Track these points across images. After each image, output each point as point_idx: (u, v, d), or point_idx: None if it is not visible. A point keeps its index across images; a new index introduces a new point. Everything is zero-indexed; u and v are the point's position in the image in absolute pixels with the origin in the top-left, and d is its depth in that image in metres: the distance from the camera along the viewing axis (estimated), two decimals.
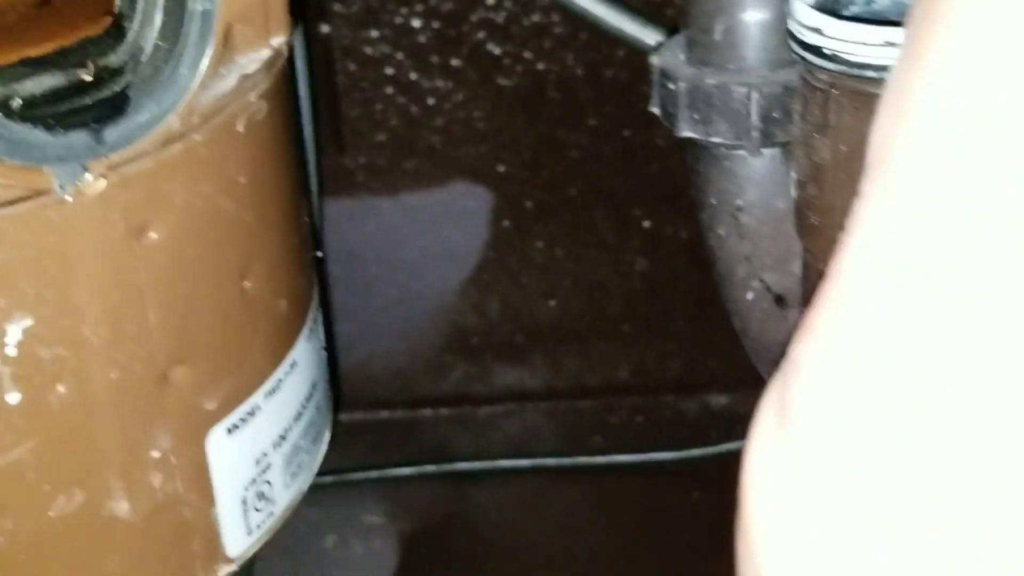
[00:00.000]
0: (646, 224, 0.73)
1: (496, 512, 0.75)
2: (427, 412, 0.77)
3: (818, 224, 0.37)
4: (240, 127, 0.35)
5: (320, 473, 0.66)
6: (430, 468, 0.74)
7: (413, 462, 0.74)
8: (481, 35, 0.67)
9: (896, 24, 0.33)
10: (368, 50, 0.67)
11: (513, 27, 0.67)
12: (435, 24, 0.66)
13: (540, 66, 0.68)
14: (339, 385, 0.68)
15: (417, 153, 0.71)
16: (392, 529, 0.75)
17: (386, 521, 0.75)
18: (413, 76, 0.69)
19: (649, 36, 0.56)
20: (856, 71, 0.34)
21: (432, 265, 0.74)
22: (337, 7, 0.65)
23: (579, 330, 0.75)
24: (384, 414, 0.77)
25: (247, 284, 0.36)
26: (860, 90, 0.34)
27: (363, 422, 0.76)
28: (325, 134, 0.68)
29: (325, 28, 0.65)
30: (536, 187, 0.72)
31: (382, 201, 0.72)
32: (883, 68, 0.33)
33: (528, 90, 0.69)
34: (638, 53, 0.61)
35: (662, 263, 0.73)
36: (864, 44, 0.33)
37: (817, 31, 0.34)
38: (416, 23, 0.66)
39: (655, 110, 0.49)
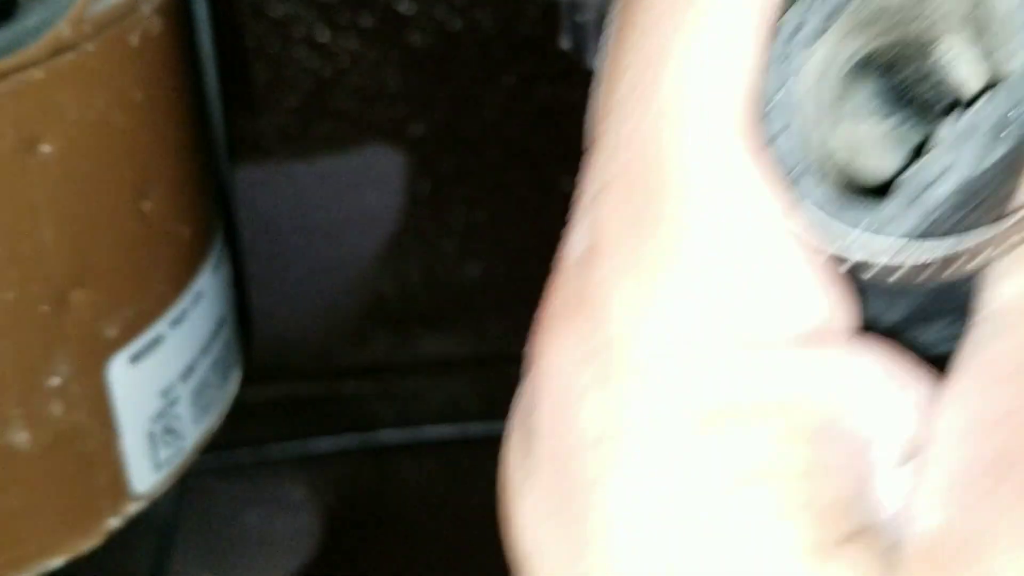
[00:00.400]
0: (565, 184, 0.72)
1: (423, 483, 0.75)
2: (349, 384, 0.76)
3: None
4: (134, 41, 0.34)
5: (241, 449, 0.65)
6: (353, 440, 0.73)
7: (336, 435, 0.73)
8: None
9: None
10: (276, 11, 0.66)
11: None
12: None
13: (453, 25, 0.68)
14: (251, 354, 0.66)
15: (330, 116, 0.70)
16: (316, 504, 0.74)
17: (310, 496, 0.74)
18: (323, 38, 0.68)
19: None
20: None
21: (349, 232, 0.73)
22: None
23: (503, 295, 0.74)
24: (304, 387, 0.76)
25: (146, 205, 0.35)
26: None
27: (283, 396, 0.75)
28: (234, 98, 0.67)
29: None
30: (453, 149, 0.71)
31: (295, 167, 0.71)
32: None
33: (441, 49, 0.68)
34: (552, 8, 0.61)
35: None
36: None
37: None
38: None
39: (565, 45, 0.49)
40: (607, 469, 0.16)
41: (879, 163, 0.17)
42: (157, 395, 0.37)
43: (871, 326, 0.17)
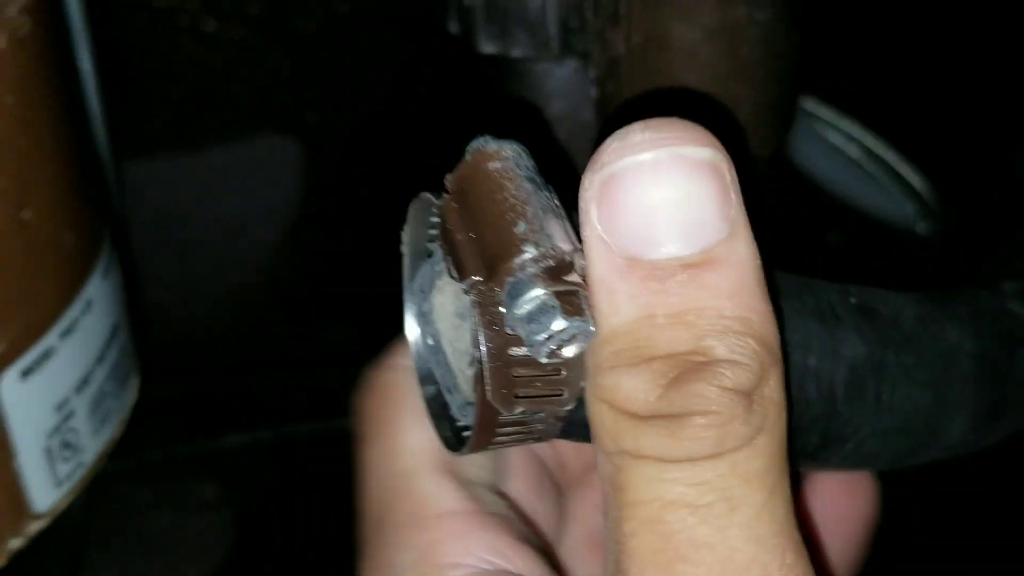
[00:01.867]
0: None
1: (334, 476, 0.74)
2: (254, 378, 0.75)
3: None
4: (1, 43, 0.32)
5: (148, 450, 0.63)
6: (262, 435, 0.72)
7: (243, 430, 0.72)
8: None
9: None
10: (159, 2, 0.64)
11: None
12: None
13: (340, 9, 0.67)
14: (151, 354, 0.65)
15: (221, 107, 0.68)
16: (227, 502, 0.72)
17: (220, 494, 0.73)
18: (210, 27, 0.66)
19: None
20: None
21: (247, 225, 0.72)
22: None
23: None
24: (208, 382, 0.74)
25: (26, 214, 0.34)
26: None
27: (188, 393, 0.73)
28: (118, 93, 0.65)
29: None
30: (347, 134, 0.71)
31: (189, 161, 0.69)
32: None
33: (330, 34, 0.67)
34: None
35: None
36: None
37: None
38: None
39: (453, 29, 0.48)
40: None
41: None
42: (52, 410, 0.36)
43: None
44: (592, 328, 0.20)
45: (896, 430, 0.27)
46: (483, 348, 0.21)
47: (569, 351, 0.21)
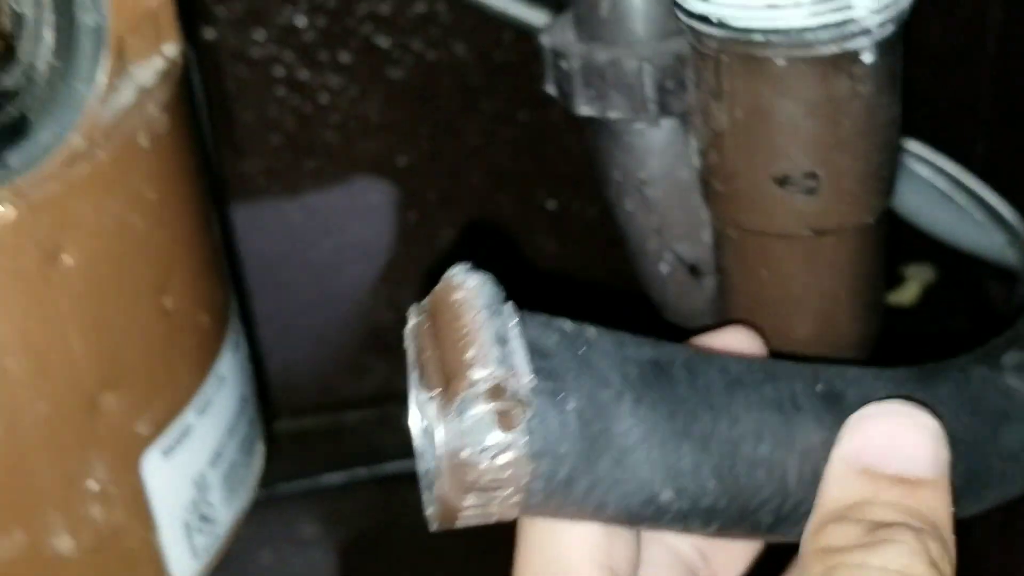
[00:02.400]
0: (551, 205, 0.73)
1: None
2: (351, 415, 0.76)
3: (722, 190, 0.38)
4: (143, 141, 0.34)
5: None
6: (361, 472, 0.73)
7: (343, 468, 0.73)
8: (368, 29, 0.67)
9: None
10: (256, 52, 0.66)
11: (399, 18, 0.67)
12: (320, 21, 0.66)
13: (430, 55, 0.68)
14: (268, 394, 0.67)
15: (315, 152, 0.70)
16: (328, 538, 0.74)
17: (321, 531, 0.74)
18: (304, 75, 0.68)
19: (535, 17, 0.56)
20: (743, 36, 0.35)
21: (342, 265, 0.74)
22: (220, 11, 0.64)
23: None
24: (309, 421, 0.76)
25: (167, 301, 0.36)
26: (748, 54, 0.35)
27: (288, 431, 0.75)
28: (220, 141, 0.67)
29: (210, 34, 0.64)
30: (437, 177, 0.72)
31: (285, 204, 0.71)
32: (768, 31, 0.34)
33: (420, 80, 0.68)
34: (526, 35, 0.61)
35: (570, 243, 0.74)
36: (747, 8, 0.34)
37: None
38: (301, 21, 0.66)
39: (550, 90, 0.49)
40: None
41: None
42: (190, 484, 0.38)
43: None
44: (523, 438, 0.24)
45: None
46: (439, 451, 0.24)
47: (507, 457, 0.24)
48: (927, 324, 0.71)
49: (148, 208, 0.34)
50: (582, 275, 0.73)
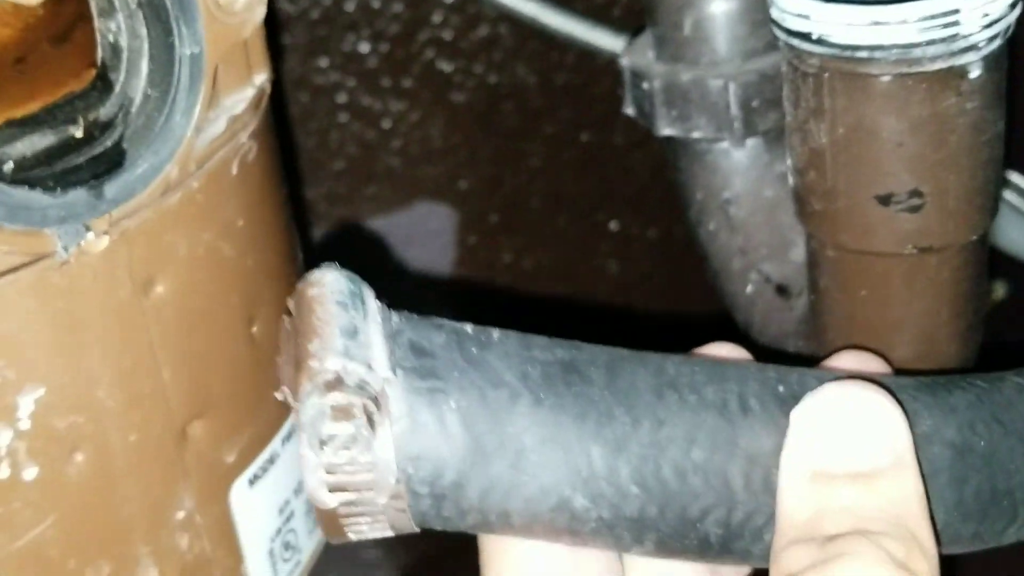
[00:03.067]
0: (613, 226, 0.73)
1: None
2: None
3: (821, 209, 0.37)
4: (233, 169, 0.34)
5: None
6: None
7: None
8: (431, 53, 0.67)
9: (881, 2, 0.33)
10: (319, 79, 0.66)
11: (462, 43, 0.66)
12: (383, 47, 0.66)
13: (492, 79, 0.68)
14: None
15: (377, 178, 0.70)
16: (390, 562, 0.73)
17: (384, 554, 0.74)
18: (366, 101, 0.68)
19: (600, 38, 0.56)
20: (847, 52, 0.34)
21: (404, 288, 0.73)
22: (284, 39, 0.64)
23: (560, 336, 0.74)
24: None
25: (255, 329, 0.35)
26: (852, 71, 0.34)
27: None
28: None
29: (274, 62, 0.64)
30: (499, 200, 0.72)
31: (346, 230, 0.71)
32: (873, 48, 0.33)
33: (482, 104, 0.68)
34: (589, 56, 0.61)
35: (633, 264, 0.73)
36: (851, 25, 0.33)
37: (803, 16, 0.34)
38: (364, 48, 0.65)
39: (629, 112, 0.48)
40: None
41: None
42: (275, 513, 0.37)
43: None
44: (365, 432, 0.24)
45: None
46: (300, 452, 0.24)
47: (359, 453, 0.24)
48: (995, 339, 0.70)
49: (237, 236, 0.34)
50: (642, 296, 0.72)
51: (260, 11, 0.32)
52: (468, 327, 0.26)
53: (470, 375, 0.25)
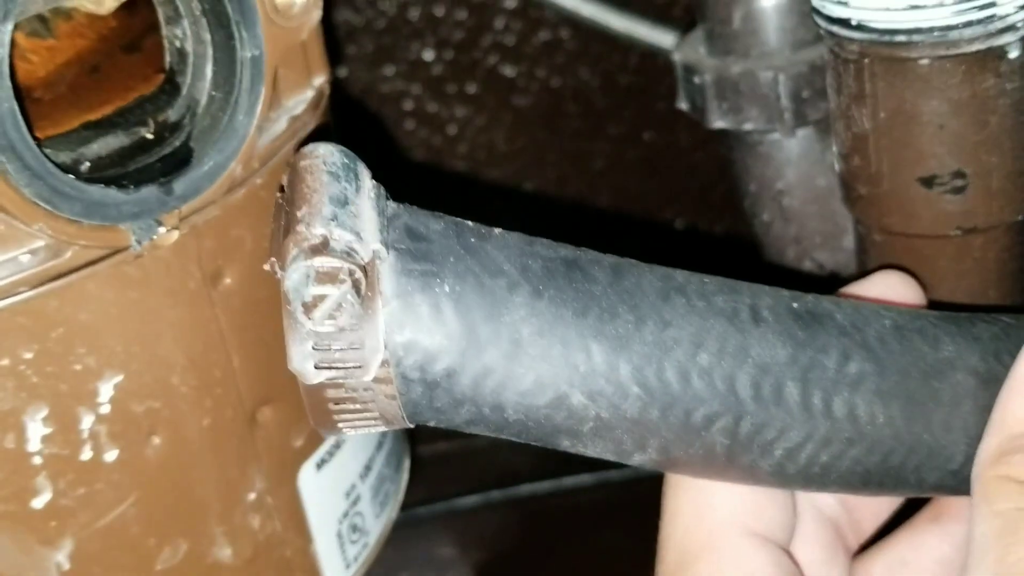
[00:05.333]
0: (679, 224, 0.73)
1: (565, 531, 0.75)
2: (484, 438, 0.77)
3: (867, 194, 0.38)
4: None
5: None
6: (495, 494, 0.74)
7: (477, 490, 0.74)
8: (494, 59, 0.68)
9: None
10: (385, 87, 0.68)
11: (524, 47, 0.68)
12: (447, 54, 0.67)
13: (555, 82, 0.69)
14: None
15: (444, 182, 0.71)
16: (465, 560, 0.74)
17: (458, 553, 0.75)
18: (432, 107, 0.69)
19: (661, 37, 0.56)
20: (886, 37, 0.34)
21: None
22: (350, 49, 0.66)
23: None
24: (443, 445, 0.77)
25: None
26: (892, 55, 0.35)
27: (424, 456, 0.76)
28: None
29: (341, 71, 0.66)
30: (565, 201, 0.73)
31: None
32: (911, 32, 0.34)
33: (546, 107, 0.69)
34: (651, 57, 0.61)
35: (699, 261, 0.73)
36: (889, 10, 0.34)
37: (842, 3, 0.35)
38: (429, 55, 0.67)
39: (683, 106, 0.49)
40: None
41: None
42: (342, 496, 0.39)
43: None
44: (352, 297, 0.23)
45: (847, 440, 0.26)
46: (284, 324, 0.23)
47: (343, 320, 0.23)
48: None
49: None
50: None
51: (316, 14, 0.34)
52: (466, 222, 0.26)
53: (467, 262, 0.24)
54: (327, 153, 0.25)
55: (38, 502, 0.32)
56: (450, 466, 0.75)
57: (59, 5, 0.32)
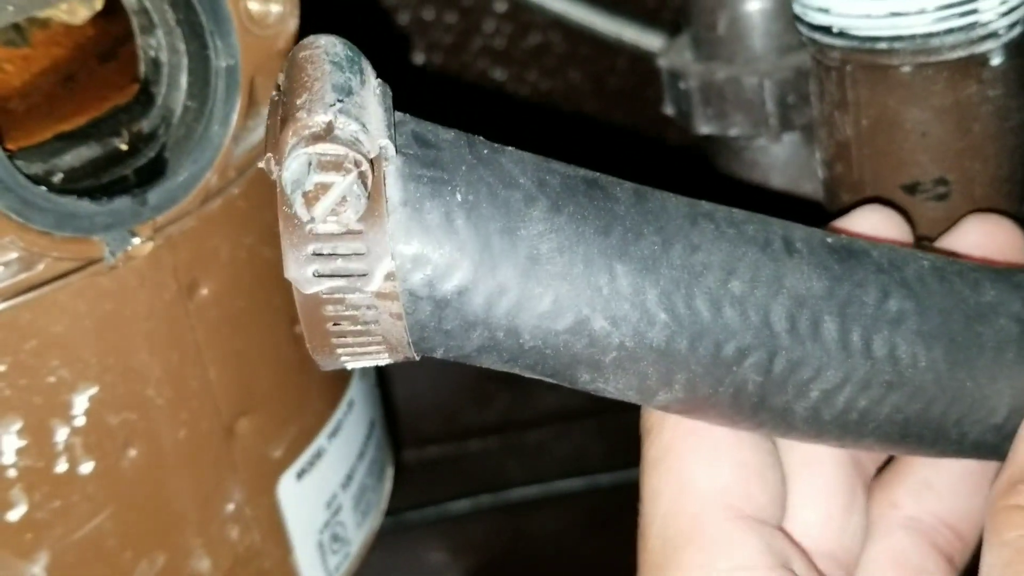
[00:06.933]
0: None
1: (556, 536, 0.75)
2: (475, 443, 0.77)
3: (850, 201, 0.37)
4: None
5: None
6: (486, 499, 0.74)
7: (468, 495, 0.74)
8: (484, 62, 0.68)
9: None
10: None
11: (514, 51, 0.67)
12: (437, 58, 0.67)
13: (544, 85, 0.69)
14: (393, 425, 0.68)
15: None
16: (456, 566, 0.74)
17: (449, 558, 0.75)
18: (421, 111, 0.69)
19: (650, 40, 0.56)
20: (867, 45, 0.34)
21: None
22: None
23: None
24: (433, 450, 0.77)
25: (298, 329, 0.37)
26: (873, 63, 0.34)
27: (414, 460, 0.76)
28: None
29: None
30: None
31: None
32: (892, 39, 0.34)
33: (536, 110, 0.69)
34: (641, 60, 0.61)
35: None
36: (870, 17, 0.34)
37: (824, 11, 0.35)
38: (419, 59, 0.67)
39: (669, 111, 0.49)
40: None
41: None
42: (322, 507, 0.39)
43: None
44: (359, 189, 0.20)
45: (887, 384, 0.24)
46: (280, 227, 0.21)
47: (347, 217, 0.20)
48: None
49: (278, 239, 0.35)
50: None
51: (292, 23, 0.34)
52: (478, 137, 0.24)
53: (480, 171, 0.22)
54: (329, 43, 0.22)
55: (13, 515, 0.32)
56: (440, 471, 0.75)
57: (32, 15, 0.32)
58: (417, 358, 0.23)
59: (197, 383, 0.34)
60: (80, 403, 0.32)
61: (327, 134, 0.20)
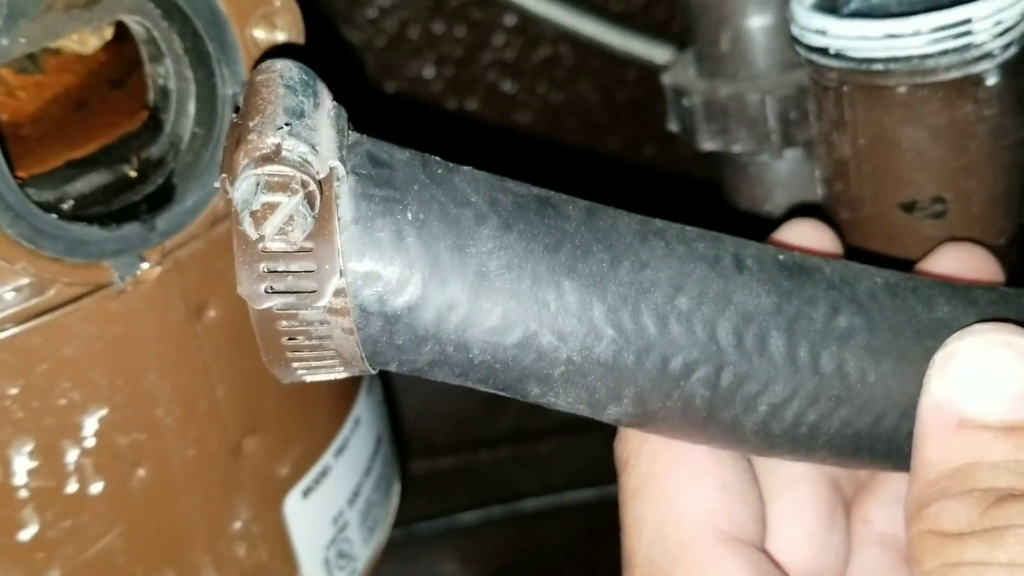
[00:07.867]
0: None
1: (567, 547, 0.75)
2: (486, 454, 0.77)
3: (849, 218, 0.38)
4: None
5: (392, 529, 0.66)
6: (496, 510, 0.74)
7: (478, 506, 0.74)
8: (494, 75, 0.68)
9: (895, 16, 0.34)
10: (389, 88, 0.68)
11: (524, 63, 0.68)
12: (447, 71, 0.67)
13: (554, 97, 0.69)
14: (403, 436, 0.68)
15: None
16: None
17: (460, 568, 0.75)
18: (432, 125, 0.70)
19: (658, 53, 0.57)
20: (863, 66, 0.34)
21: None
22: (352, 67, 0.67)
23: None
24: (444, 461, 0.77)
25: None
26: (869, 84, 0.35)
27: (424, 471, 0.77)
28: None
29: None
30: None
31: None
32: (888, 60, 0.34)
33: (546, 123, 0.70)
34: (649, 72, 0.62)
35: None
36: (867, 39, 0.34)
37: (821, 32, 0.35)
38: (429, 72, 0.67)
39: (673, 128, 0.50)
40: None
41: None
42: (329, 523, 0.39)
43: None
44: (304, 209, 0.21)
45: (836, 399, 0.25)
46: (234, 245, 0.22)
47: (295, 235, 0.21)
48: None
49: None
50: None
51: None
52: (434, 157, 0.24)
53: (432, 190, 0.22)
54: (285, 68, 0.23)
55: (25, 534, 0.33)
56: (451, 481, 0.75)
57: (44, 46, 0.33)
58: (373, 372, 0.24)
59: (205, 403, 0.35)
60: (90, 424, 0.33)
61: (276, 155, 0.21)
